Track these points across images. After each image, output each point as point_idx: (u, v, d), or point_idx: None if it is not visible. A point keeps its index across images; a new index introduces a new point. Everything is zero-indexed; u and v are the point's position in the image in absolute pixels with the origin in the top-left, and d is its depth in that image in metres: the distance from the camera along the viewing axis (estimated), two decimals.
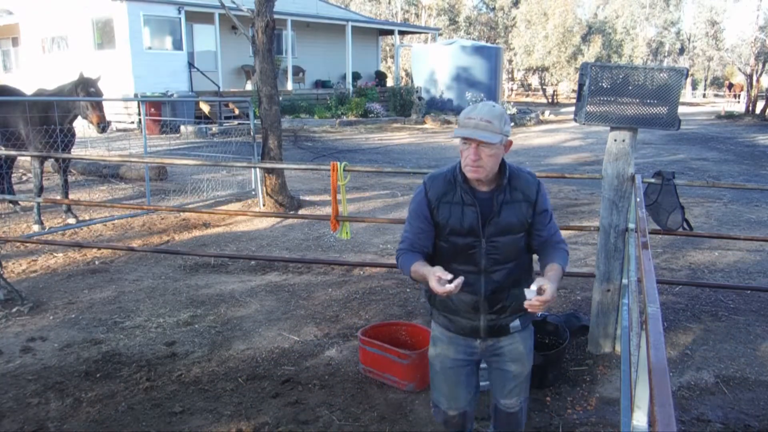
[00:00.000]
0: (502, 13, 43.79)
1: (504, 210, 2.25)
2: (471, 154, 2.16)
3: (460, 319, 2.39)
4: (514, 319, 2.42)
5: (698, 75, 50.24)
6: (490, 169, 2.18)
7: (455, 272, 2.17)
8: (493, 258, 2.29)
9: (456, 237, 2.29)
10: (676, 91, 3.72)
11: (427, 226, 2.33)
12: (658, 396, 1.25)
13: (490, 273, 2.30)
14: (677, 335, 4.46)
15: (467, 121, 2.14)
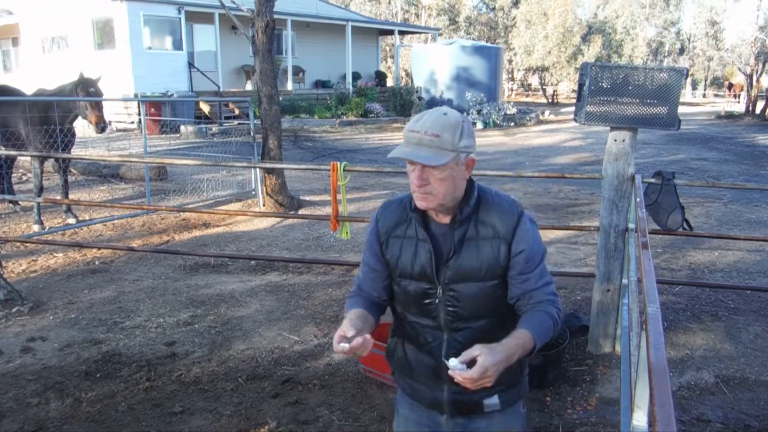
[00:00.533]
0: (502, 13, 43.79)
1: (465, 249, 1.72)
2: (415, 179, 1.65)
3: (419, 385, 1.88)
4: (490, 396, 1.85)
5: (698, 75, 50.25)
6: (444, 196, 1.66)
7: (413, 326, 1.83)
8: (455, 312, 1.76)
9: (407, 281, 1.80)
10: (676, 91, 3.72)
11: (378, 266, 1.86)
12: (658, 396, 1.25)
13: (454, 331, 1.78)
14: (677, 335, 4.46)
15: (410, 135, 1.63)
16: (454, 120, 1.63)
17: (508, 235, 1.72)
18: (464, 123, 1.65)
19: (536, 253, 1.75)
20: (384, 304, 1.92)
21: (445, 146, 1.60)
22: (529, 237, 1.74)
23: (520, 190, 9.93)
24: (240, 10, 9.84)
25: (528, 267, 1.73)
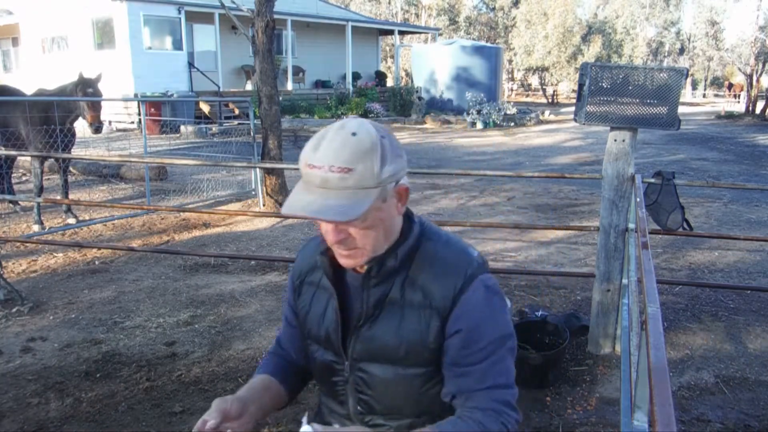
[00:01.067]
0: (502, 13, 43.78)
1: (384, 316, 1.25)
2: (330, 234, 1.21)
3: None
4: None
5: (698, 75, 50.24)
6: (375, 249, 1.23)
7: (321, 409, 1.44)
8: (366, 402, 1.31)
9: (315, 347, 1.39)
10: (676, 91, 3.72)
11: (294, 319, 1.49)
12: (658, 396, 1.25)
13: (367, 426, 1.33)
14: (677, 335, 4.46)
15: (309, 174, 1.15)
16: (368, 141, 1.15)
17: (444, 306, 1.22)
18: (383, 140, 1.19)
19: (484, 337, 1.21)
20: (307, 368, 1.48)
21: (364, 183, 1.13)
22: (477, 313, 1.21)
23: (520, 190, 9.93)
24: (240, 10, 9.84)
25: (466, 356, 1.21)
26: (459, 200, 9.23)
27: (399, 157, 1.24)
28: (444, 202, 9.05)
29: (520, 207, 8.80)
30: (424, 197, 9.34)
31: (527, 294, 5.26)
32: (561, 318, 4.40)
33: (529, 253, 6.62)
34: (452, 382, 1.24)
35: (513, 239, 7.14)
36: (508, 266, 6.15)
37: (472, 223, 5.86)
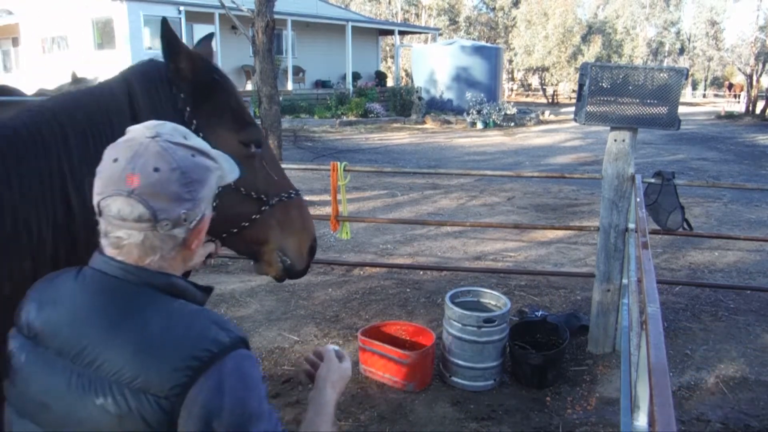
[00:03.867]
0: (502, 13, 43.79)
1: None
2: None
3: None
4: None
5: (698, 75, 50.23)
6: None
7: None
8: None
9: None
10: (676, 91, 3.72)
11: None
12: (658, 396, 1.25)
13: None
14: (677, 335, 4.46)
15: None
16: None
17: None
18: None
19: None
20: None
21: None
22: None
23: (520, 190, 9.94)
24: (240, 10, 9.84)
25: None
26: (459, 200, 9.23)
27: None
28: (444, 202, 9.05)
29: (520, 207, 8.80)
30: (424, 197, 9.34)
31: (527, 294, 5.26)
32: (561, 318, 4.40)
33: (529, 253, 6.62)
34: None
35: (513, 239, 7.14)
36: (508, 266, 6.15)
37: (472, 223, 5.86)
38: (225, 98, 1.57)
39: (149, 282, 1.04)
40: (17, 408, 1.07)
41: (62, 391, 0.99)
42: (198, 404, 0.94)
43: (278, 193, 1.68)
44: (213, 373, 0.95)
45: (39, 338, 1.04)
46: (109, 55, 19.15)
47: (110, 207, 1.02)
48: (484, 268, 5.92)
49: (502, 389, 3.72)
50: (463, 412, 3.44)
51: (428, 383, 3.74)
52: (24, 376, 1.04)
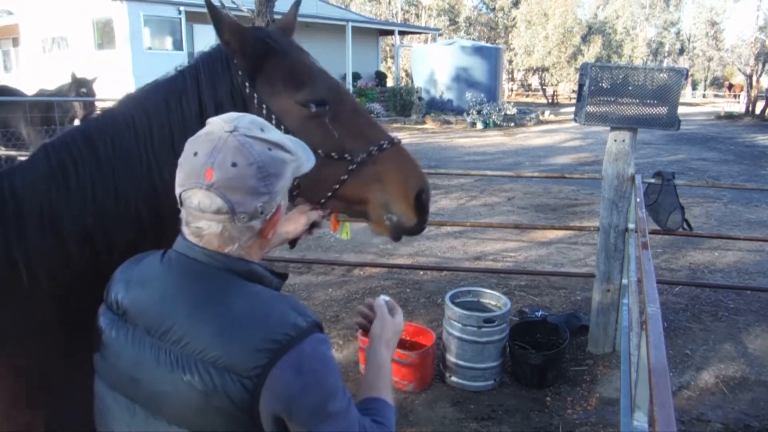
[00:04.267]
0: (502, 14, 43.80)
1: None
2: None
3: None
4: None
5: (698, 75, 50.23)
6: None
7: None
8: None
9: None
10: (675, 92, 3.73)
11: None
12: (658, 396, 1.25)
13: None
14: (677, 335, 4.46)
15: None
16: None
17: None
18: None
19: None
20: None
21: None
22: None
23: (520, 190, 9.94)
24: (240, 10, 9.84)
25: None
26: (459, 200, 9.23)
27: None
28: (444, 202, 9.05)
29: (520, 207, 8.80)
30: None
31: (527, 294, 5.26)
32: (561, 318, 4.40)
33: (529, 253, 6.62)
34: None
35: (513, 239, 7.14)
36: (508, 266, 6.15)
37: (472, 223, 5.86)
38: (278, 62, 1.53)
39: (230, 268, 1.09)
40: (108, 381, 1.13)
41: (152, 367, 1.05)
42: (279, 385, 0.98)
43: (365, 148, 1.55)
44: (292, 356, 1.00)
45: (128, 315, 1.11)
46: (109, 55, 19.16)
47: (191, 199, 1.07)
48: (484, 268, 5.92)
49: (502, 389, 3.72)
50: (463, 412, 3.45)
51: (428, 383, 3.74)
52: (114, 350, 1.11)
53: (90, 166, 1.43)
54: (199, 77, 1.50)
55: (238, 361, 0.99)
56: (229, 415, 1.00)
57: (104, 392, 1.14)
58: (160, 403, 1.05)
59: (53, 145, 1.47)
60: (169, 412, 1.05)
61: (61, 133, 1.52)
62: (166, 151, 1.42)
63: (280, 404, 0.99)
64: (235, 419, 1.00)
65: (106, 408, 1.15)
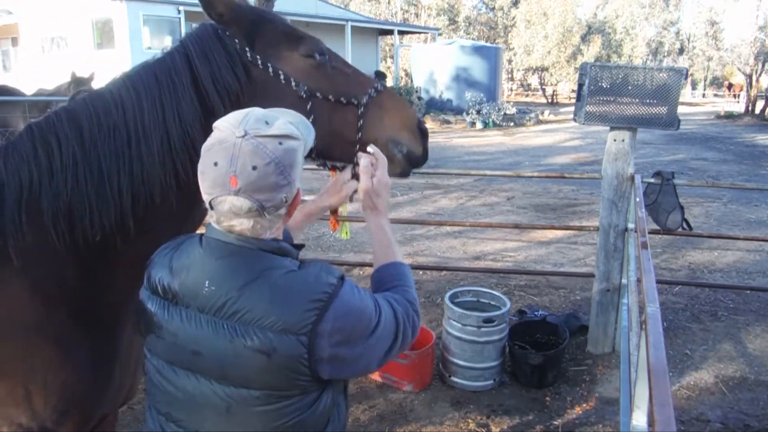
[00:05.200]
0: (501, 13, 43.78)
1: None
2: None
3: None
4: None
5: (698, 75, 50.23)
6: None
7: None
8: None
9: None
10: (675, 91, 3.72)
11: None
12: (658, 396, 1.25)
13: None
14: (677, 335, 4.46)
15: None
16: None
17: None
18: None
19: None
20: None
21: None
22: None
23: (520, 190, 9.94)
24: None
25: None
26: (458, 200, 9.23)
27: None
28: (443, 202, 9.05)
29: (519, 207, 8.80)
30: (424, 197, 9.34)
31: (527, 294, 5.26)
32: (561, 318, 4.40)
33: (529, 253, 6.62)
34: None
35: (513, 239, 7.14)
36: (508, 266, 6.15)
37: (471, 223, 5.86)
38: (272, 25, 1.64)
39: (263, 248, 1.24)
40: (168, 358, 1.27)
41: (211, 339, 1.19)
42: (330, 331, 1.18)
43: (364, 91, 1.67)
44: (335, 307, 1.20)
45: (178, 299, 1.24)
46: (108, 55, 19.14)
47: (222, 205, 1.20)
48: (484, 268, 5.92)
49: (502, 389, 3.72)
50: (463, 412, 3.45)
51: (428, 383, 3.74)
52: (171, 330, 1.24)
53: (73, 145, 1.47)
54: (189, 53, 1.57)
55: (292, 322, 1.16)
56: (290, 369, 1.18)
57: (162, 367, 1.28)
58: (225, 370, 1.20)
59: (38, 124, 1.51)
60: (233, 377, 1.20)
61: (46, 114, 1.56)
62: (156, 126, 1.50)
63: (335, 344, 1.19)
64: (295, 372, 1.18)
65: (164, 381, 1.28)
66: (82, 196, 1.46)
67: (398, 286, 1.44)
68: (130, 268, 1.52)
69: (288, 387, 1.21)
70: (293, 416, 1.23)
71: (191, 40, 1.62)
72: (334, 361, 1.21)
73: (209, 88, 1.54)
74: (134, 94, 1.52)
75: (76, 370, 1.52)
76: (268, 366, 1.18)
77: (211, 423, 1.24)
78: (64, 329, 1.50)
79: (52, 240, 1.44)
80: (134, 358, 1.72)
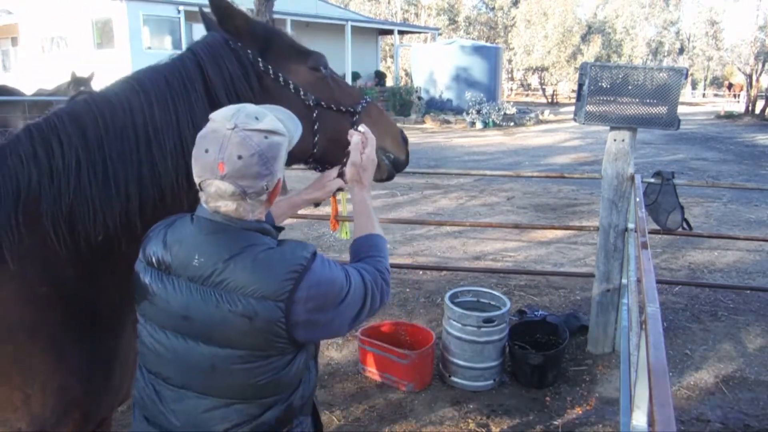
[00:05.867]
0: (501, 13, 43.77)
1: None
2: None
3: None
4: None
5: (698, 75, 50.22)
6: None
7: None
8: None
9: None
10: (675, 91, 3.72)
11: None
12: (658, 396, 1.25)
13: None
14: (677, 335, 4.46)
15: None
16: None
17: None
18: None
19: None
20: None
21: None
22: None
23: (520, 190, 9.94)
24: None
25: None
26: (458, 200, 9.23)
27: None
28: (443, 202, 9.05)
29: (519, 207, 8.80)
30: (424, 197, 9.34)
31: (527, 294, 5.26)
32: (561, 318, 4.40)
33: (529, 253, 6.62)
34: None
35: (513, 239, 7.14)
36: (508, 266, 6.15)
37: (471, 223, 5.86)
38: (281, 39, 1.78)
39: (247, 227, 1.38)
40: (160, 323, 1.40)
41: (200, 305, 1.34)
42: (305, 298, 1.33)
43: (358, 101, 1.86)
44: (309, 277, 1.34)
45: (171, 269, 1.38)
46: (108, 55, 19.13)
47: (209, 188, 1.34)
48: (484, 268, 5.92)
49: (502, 389, 3.72)
50: (463, 412, 3.45)
51: (428, 383, 3.74)
52: (164, 298, 1.38)
53: (77, 146, 1.48)
54: (200, 60, 1.63)
55: (271, 290, 1.31)
56: (269, 331, 1.32)
57: (155, 331, 1.41)
58: (212, 331, 1.34)
59: (37, 125, 1.51)
60: (219, 338, 1.34)
61: (46, 115, 1.56)
62: (169, 129, 1.57)
63: (310, 310, 1.34)
64: (274, 334, 1.33)
65: (155, 344, 1.41)
66: (86, 198, 1.47)
67: (372, 256, 1.57)
68: (132, 267, 1.54)
69: (267, 348, 1.35)
70: (270, 374, 1.37)
71: (201, 47, 1.67)
72: (308, 325, 1.36)
73: (221, 95, 1.61)
74: (143, 97, 1.55)
75: (74, 372, 1.51)
76: (251, 328, 1.32)
77: (197, 380, 1.38)
78: (62, 331, 1.49)
79: (52, 242, 1.45)
80: (132, 358, 1.72)
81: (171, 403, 1.42)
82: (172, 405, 1.42)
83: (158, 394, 1.44)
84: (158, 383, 1.44)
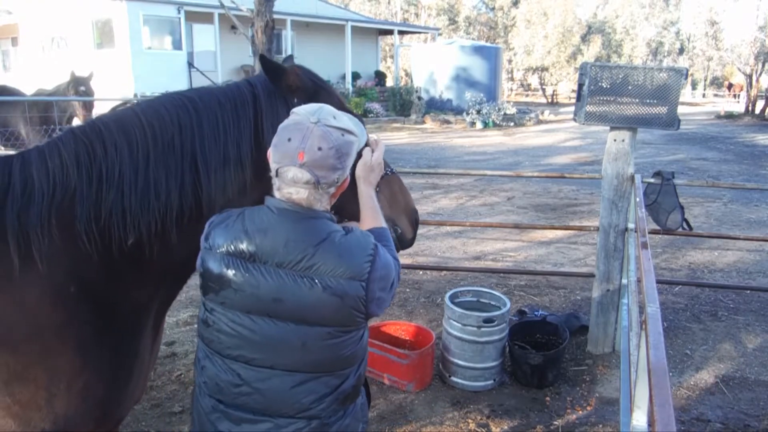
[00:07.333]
0: (501, 13, 43.76)
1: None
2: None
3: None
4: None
5: (698, 75, 50.20)
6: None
7: None
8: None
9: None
10: (675, 91, 3.72)
11: None
12: (658, 396, 1.25)
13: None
14: (677, 335, 4.46)
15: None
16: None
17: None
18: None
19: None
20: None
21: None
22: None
23: (520, 190, 9.94)
24: (240, 10, 9.83)
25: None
26: (458, 200, 9.23)
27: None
28: (443, 202, 9.05)
29: (519, 207, 8.80)
30: (424, 197, 9.34)
31: (527, 294, 5.26)
32: (561, 318, 4.40)
33: (529, 253, 6.62)
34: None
35: (513, 239, 7.14)
36: (508, 266, 6.15)
37: (471, 223, 5.86)
38: (329, 97, 1.83)
39: (320, 216, 1.50)
40: (245, 309, 1.49)
41: (292, 288, 1.45)
42: (378, 278, 1.49)
43: (385, 168, 1.89)
44: (378, 260, 1.50)
45: (257, 257, 1.47)
46: (108, 55, 19.14)
47: (287, 173, 1.46)
48: (484, 268, 5.92)
49: (502, 389, 3.72)
50: (463, 412, 3.44)
51: (428, 383, 3.74)
52: (253, 284, 1.47)
53: (122, 155, 1.52)
54: (257, 92, 1.73)
55: (357, 271, 1.46)
56: (354, 308, 1.48)
57: (237, 317, 1.50)
58: (303, 312, 1.47)
59: (82, 129, 1.55)
60: (310, 318, 1.47)
61: (90, 120, 1.61)
62: (217, 147, 1.64)
63: (384, 286, 1.52)
64: (357, 310, 1.48)
65: (239, 327, 1.50)
66: (123, 205, 1.50)
67: (387, 246, 1.66)
68: (161, 273, 1.62)
69: (350, 323, 1.51)
70: (351, 347, 1.54)
71: (259, 81, 1.76)
72: (377, 302, 1.52)
73: (267, 128, 1.68)
74: (194, 114, 1.63)
75: (99, 372, 1.52)
76: (341, 306, 1.47)
77: (287, 358, 1.50)
78: (89, 331, 1.50)
79: (83, 245, 1.46)
80: (148, 360, 1.74)
81: (255, 383, 1.51)
82: (256, 384, 1.51)
83: (240, 376, 1.52)
84: (240, 366, 1.52)
